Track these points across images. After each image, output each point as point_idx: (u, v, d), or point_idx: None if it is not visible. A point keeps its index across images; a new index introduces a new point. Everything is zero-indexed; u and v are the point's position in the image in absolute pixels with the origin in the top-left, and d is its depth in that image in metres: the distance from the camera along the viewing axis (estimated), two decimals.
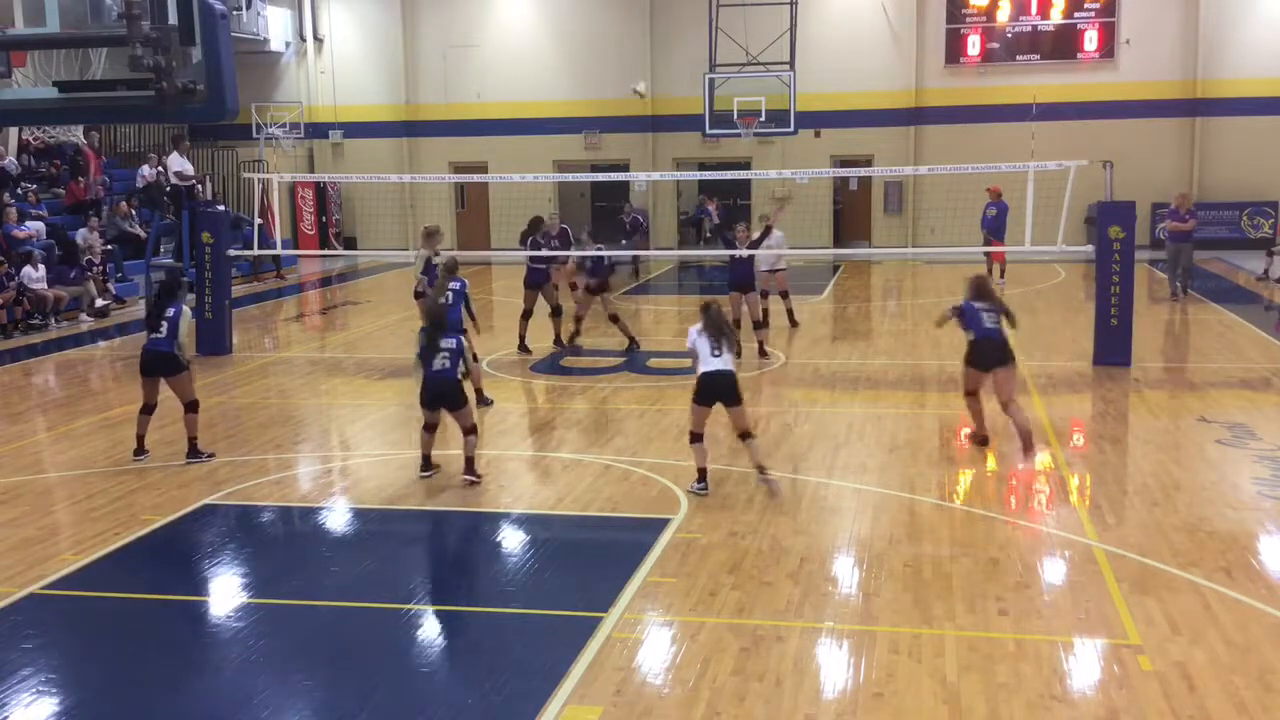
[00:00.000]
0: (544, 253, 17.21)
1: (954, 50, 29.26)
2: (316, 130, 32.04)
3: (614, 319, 16.25)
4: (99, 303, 20.35)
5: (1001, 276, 22.59)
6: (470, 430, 9.94)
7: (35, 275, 19.18)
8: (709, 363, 9.42)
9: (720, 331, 9.44)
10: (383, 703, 6.11)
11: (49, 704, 6.24)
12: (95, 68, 9.77)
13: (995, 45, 29.11)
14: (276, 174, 25.97)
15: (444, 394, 9.83)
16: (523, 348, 16.00)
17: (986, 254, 22.76)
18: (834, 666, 6.45)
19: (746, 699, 6.04)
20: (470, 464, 9.91)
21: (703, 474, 9.55)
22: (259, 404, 13.20)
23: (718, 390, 9.42)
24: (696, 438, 9.56)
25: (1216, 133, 28.38)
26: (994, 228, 22.52)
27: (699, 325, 9.56)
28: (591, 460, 10.56)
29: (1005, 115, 27.78)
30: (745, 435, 9.60)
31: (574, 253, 16.69)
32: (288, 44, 31.90)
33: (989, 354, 10.50)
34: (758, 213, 27.41)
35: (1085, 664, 6.47)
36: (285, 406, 13.23)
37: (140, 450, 10.87)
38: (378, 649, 6.82)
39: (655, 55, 30.54)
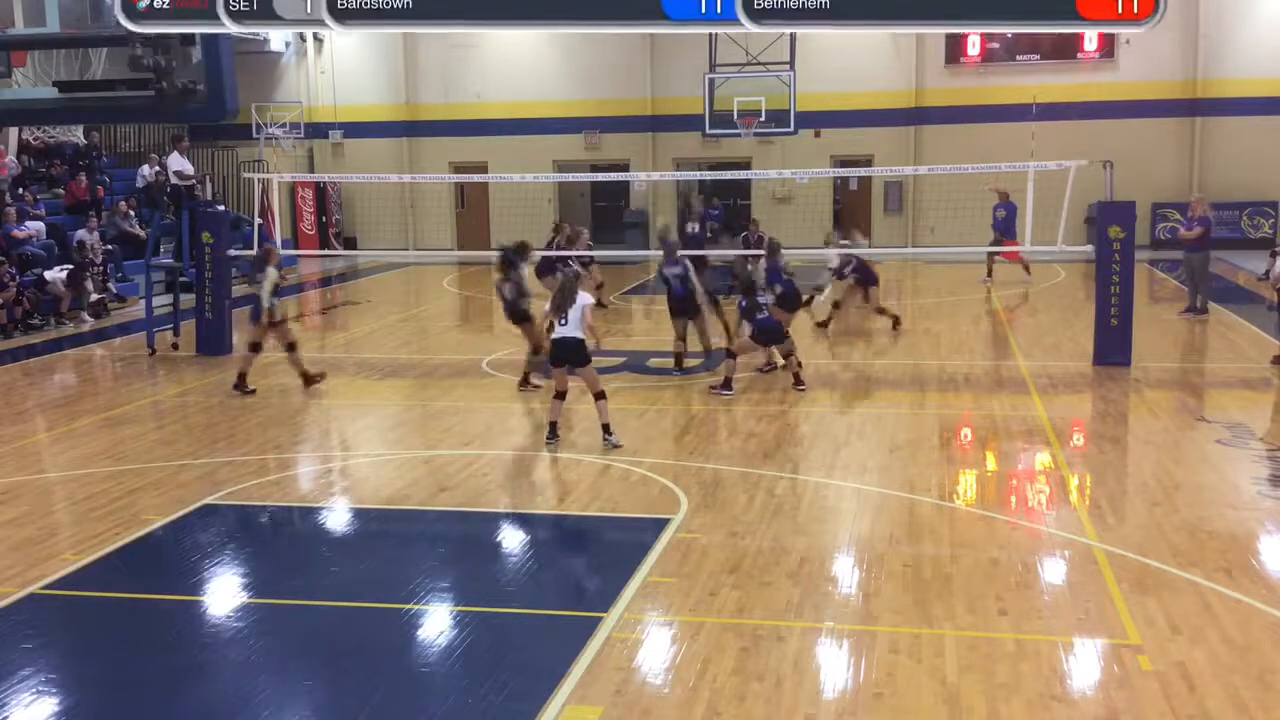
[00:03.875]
0: (554, 252, 17.04)
1: (954, 50, 29.24)
2: (316, 130, 31.99)
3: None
4: (93, 297, 20.31)
5: (1027, 273, 22.92)
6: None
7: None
8: (556, 330, 10.77)
9: (560, 302, 10.65)
10: (383, 703, 6.10)
11: (49, 704, 6.24)
12: (95, 68, 9.81)
13: (995, 45, 29.09)
14: (276, 174, 25.95)
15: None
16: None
17: (990, 254, 22.80)
18: (834, 666, 6.45)
19: (746, 699, 6.03)
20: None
21: (553, 426, 10.83)
22: (259, 404, 13.19)
23: (564, 354, 10.69)
24: (559, 394, 10.85)
25: (1216, 133, 28.37)
26: (1004, 229, 22.60)
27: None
28: (591, 460, 10.56)
29: (1005, 115, 27.74)
30: (598, 396, 10.79)
31: (572, 252, 16.56)
32: (288, 44, 31.87)
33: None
34: (757, 213, 27.41)
35: (1085, 664, 6.47)
36: (285, 406, 13.23)
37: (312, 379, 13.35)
38: (378, 649, 6.81)
39: (655, 55, 30.52)
